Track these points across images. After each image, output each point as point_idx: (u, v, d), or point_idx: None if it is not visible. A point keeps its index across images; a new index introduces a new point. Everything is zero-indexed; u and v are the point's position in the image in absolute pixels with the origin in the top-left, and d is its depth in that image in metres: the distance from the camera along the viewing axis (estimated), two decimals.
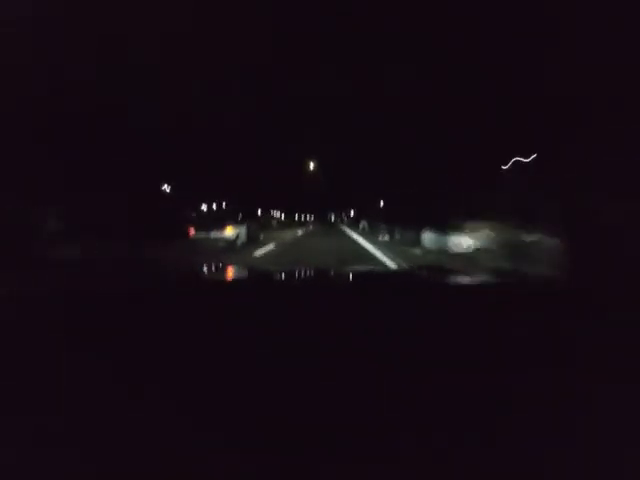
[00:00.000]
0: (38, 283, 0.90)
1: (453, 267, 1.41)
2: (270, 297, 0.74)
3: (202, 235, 7.91)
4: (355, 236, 14.05)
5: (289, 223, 32.47)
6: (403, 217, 10.83)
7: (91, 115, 9.14)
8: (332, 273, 1.30)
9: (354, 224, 27.54)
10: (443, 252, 6.20)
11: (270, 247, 8.77)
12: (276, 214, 35.82)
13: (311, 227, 26.11)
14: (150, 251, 5.85)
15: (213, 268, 1.30)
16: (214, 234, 7.84)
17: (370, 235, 13.78)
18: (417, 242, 7.95)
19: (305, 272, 1.31)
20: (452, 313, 0.63)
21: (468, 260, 5.21)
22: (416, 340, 0.51)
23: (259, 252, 7.73)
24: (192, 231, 8.04)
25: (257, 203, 23.65)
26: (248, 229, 9.20)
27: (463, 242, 5.78)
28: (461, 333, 0.53)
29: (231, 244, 7.94)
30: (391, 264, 5.40)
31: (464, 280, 1.13)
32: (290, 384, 0.40)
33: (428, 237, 7.23)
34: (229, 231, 8.02)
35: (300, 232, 17.56)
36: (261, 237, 10.87)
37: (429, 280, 1.10)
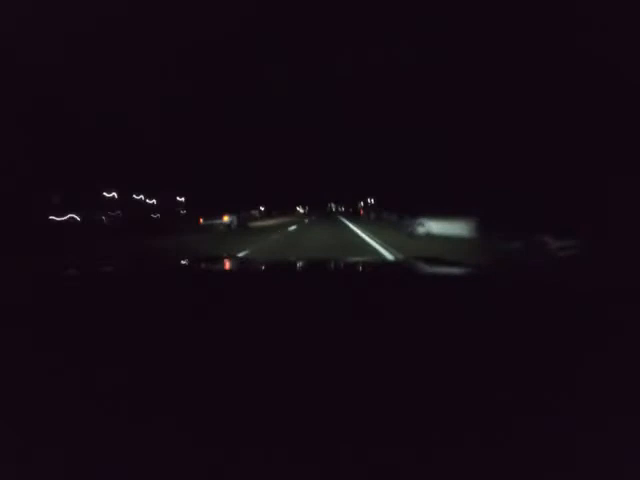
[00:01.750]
0: None
1: (452, 259, 1.35)
2: (263, 290, 0.75)
3: (209, 222, 12.43)
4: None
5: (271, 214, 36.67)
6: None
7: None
8: (325, 265, 1.23)
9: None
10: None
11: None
12: (261, 208, 40.47)
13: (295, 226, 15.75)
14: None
15: (209, 260, 1.30)
16: (217, 220, 12.30)
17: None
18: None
19: (297, 263, 1.27)
20: (448, 309, 0.62)
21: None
22: (414, 338, 0.50)
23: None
24: (201, 220, 12.63)
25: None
26: (238, 218, 13.63)
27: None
28: (459, 330, 0.52)
29: (228, 227, 12.33)
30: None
31: (461, 273, 1.07)
32: (286, 382, 0.39)
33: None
34: (225, 218, 12.47)
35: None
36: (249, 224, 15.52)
37: (425, 273, 1.06)
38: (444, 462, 0.30)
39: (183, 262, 1.29)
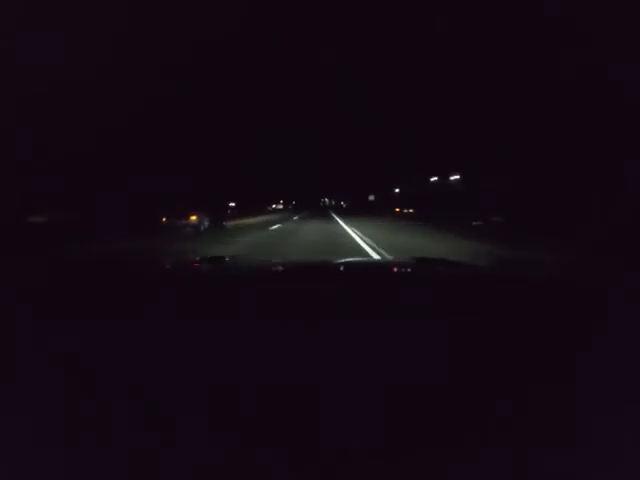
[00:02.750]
0: None
1: (457, 260, 1.35)
2: (261, 292, 0.74)
3: (172, 221, 10.78)
4: None
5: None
6: None
7: None
8: (323, 267, 1.16)
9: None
10: None
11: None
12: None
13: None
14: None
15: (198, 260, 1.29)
16: (183, 221, 10.69)
17: None
18: None
19: (294, 265, 1.23)
20: (446, 309, 0.61)
21: None
22: (416, 343, 0.48)
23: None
24: (164, 219, 10.88)
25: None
26: (211, 216, 12.06)
27: None
28: (458, 330, 0.51)
29: (196, 228, 10.75)
30: None
31: (459, 273, 1.06)
32: (285, 384, 0.39)
33: None
34: (192, 218, 10.84)
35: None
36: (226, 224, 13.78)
37: (428, 275, 1.01)
38: (444, 462, 0.30)
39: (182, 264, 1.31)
